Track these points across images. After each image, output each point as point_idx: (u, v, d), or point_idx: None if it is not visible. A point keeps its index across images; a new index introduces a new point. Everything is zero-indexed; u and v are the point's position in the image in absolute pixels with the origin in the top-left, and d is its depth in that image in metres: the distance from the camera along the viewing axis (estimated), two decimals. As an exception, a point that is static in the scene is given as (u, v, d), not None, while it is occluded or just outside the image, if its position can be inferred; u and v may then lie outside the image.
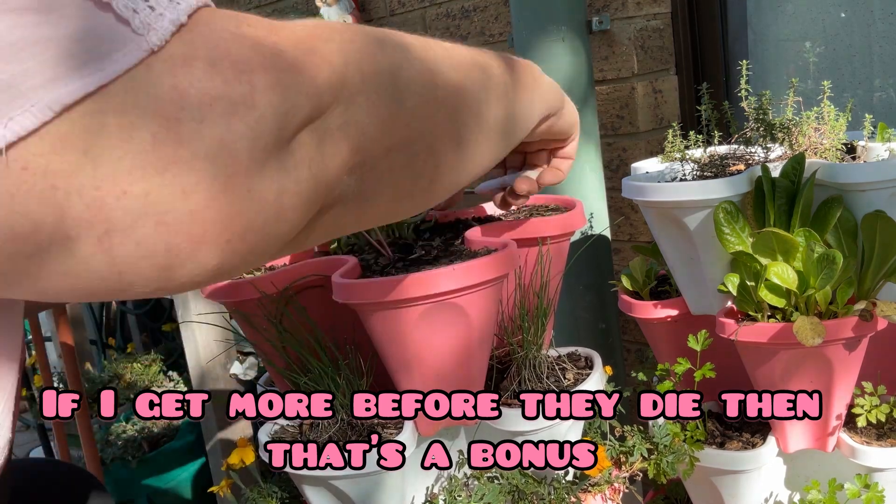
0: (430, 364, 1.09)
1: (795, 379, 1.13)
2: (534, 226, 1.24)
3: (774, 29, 1.72)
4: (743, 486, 1.24)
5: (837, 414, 1.16)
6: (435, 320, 1.04)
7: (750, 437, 1.26)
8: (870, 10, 1.59)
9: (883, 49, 1.59)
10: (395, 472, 1.12)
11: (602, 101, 1.74)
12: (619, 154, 1.75)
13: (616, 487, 1.24)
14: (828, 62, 1.66)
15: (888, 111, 1.61)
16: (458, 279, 1.02)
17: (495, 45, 1.96)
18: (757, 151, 1.24)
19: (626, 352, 1.90)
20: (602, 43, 1.71)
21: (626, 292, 1.40)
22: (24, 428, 3.91)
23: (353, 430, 1.16)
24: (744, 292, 1.15)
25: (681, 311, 1.30)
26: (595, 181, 1.57)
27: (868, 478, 1.14)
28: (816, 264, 1.06)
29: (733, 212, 1.13)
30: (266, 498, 1.25)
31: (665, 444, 1.23)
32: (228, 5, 2.71)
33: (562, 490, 1.15)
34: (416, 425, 1.15)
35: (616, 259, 1.84)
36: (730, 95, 1.76)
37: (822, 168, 1.13)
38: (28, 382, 3.16)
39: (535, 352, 1.23)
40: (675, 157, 1.29)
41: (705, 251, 1.18)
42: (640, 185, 1.21)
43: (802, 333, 1.04)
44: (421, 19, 2.11)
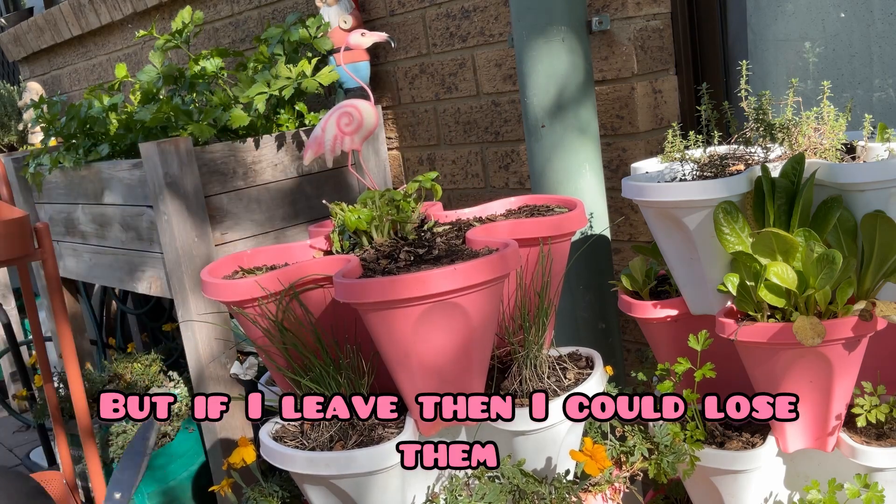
0: (431, 363, 1.09)
1: (795, 379, 1.13)
2: (535, 226, 1.24)
3: (774, 29, 1.73)
4: (743, 485, 1.24)
5: (837, 414, 1.16)
6: (435, 320, 1.05)
7: (750, 437, 1.26)
8: (870, 11, 1.59)
9: (883, 49, 1.59)
10: (396, 471, 1.12)
11: (602, 101, 1.75)
12: (619, 154, 1.75)
13: (616, 487, 1.25)
14: (828, 62, 1.67)
15: (888, 111, 1.61)
16: (458, 279, 1.02)
17: (495, 45, 1.96)
18: (757, 151, 1.24)
19: (626, 352, 1.90)
20: (602, 43, 1.72)
21: (626, 292, 1.40)
22: (24, 428, 3.91)
23: (353, 430, 1.16)
24: (744, 292, 1.15)
25: (681, 311, 1.30)
26: (595, 181, 1.57)
27: (868, 477, 1.15)
28: (816, 264, 1.06)
29: (733, 212, 1.13)
30: (267, 497, 1.25)
31: (665, 444, 1.23)
32: (228, 5, 2.71)
33: (562, 490, 1.15)
34: (416, 425, 1.15)
35: (616, 259, 1.84)
36: (730, 95, 1.76)
37: (822, 168, 1.13)
38: (28, 382, 3.16)
39: (536, 351, 1.23)
40: (674, 157, 1.29)
41: (705, 251, 1.19)
42: (640, 185, 1.21)
43: (802, 333, 1.05)
44: (421, 19, 2.11)
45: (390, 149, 2.35)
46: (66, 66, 3.91)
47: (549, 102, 1.54)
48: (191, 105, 2.10)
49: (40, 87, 3.93)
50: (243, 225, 2.04)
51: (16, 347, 3.31)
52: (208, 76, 2.22)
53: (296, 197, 2.14)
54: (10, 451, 3.72)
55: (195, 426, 2.54)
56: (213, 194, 1.98)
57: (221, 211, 1.99)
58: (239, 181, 2.02)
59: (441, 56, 2.11)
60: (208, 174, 1.96)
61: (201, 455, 2.53)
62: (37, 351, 1.98)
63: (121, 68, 2.36)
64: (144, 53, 3.27)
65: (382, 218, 1.27)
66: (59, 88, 4.04)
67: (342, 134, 1.39)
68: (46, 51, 3.98)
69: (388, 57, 2.27)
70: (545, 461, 1.22)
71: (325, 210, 2.15)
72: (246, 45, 2.71)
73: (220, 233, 1.99)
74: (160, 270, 2.05)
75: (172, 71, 2.23)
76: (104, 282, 2.37)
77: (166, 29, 2.98)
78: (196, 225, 1.93)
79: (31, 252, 1.63)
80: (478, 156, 2.10)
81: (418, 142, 2.26)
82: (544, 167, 1.58)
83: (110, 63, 3.52)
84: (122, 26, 3.34)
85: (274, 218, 2.10)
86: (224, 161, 1.99)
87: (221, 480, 1.36)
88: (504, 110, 2.00)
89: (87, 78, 3.75)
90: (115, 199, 2.13)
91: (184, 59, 3.01)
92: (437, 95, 2.16)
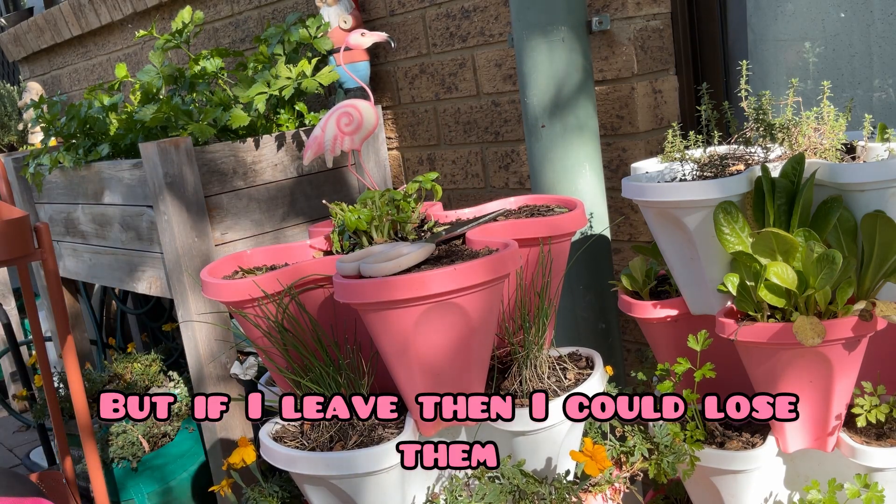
0: (431, 363, 1.09)
1: (795, 379, 1.13)
2: (535, 226, 1.24)
3: (774, 29, 1.72)
4: (743, 485, 1.24)
5: (837, 414, 1.16)
6: (435, 320, 1.05)
7: (750, 437, 1.26)
8: (870, 11, 1.59)
9: (883, 49, 1.59)
10: (396, 471, 1.12)
11: (602, 101, 1.74)
12: (619, 154, 1.75)
13: (617, 487, 1.25)
14: (828, 62, 1.67)
15: (888, 111, 1.61)
16: (458, 279, 1.02)
17: (495, 45, 1.96)
18: (757, 151, 1.24)
19: (626, 352, 1.90)
20: (602, 43, 1.71)
21: (626, 292, 1.40)
22: (24, 428, 3.91)
23: (353, 430, 1.16)
24: (744, 292, 1.15)
25: (681, 311, 1.30)
26: (595, 181, 1.57)
27: (868, 477, 1.15)
28: (816, 264, 1.06)
29: (733, 212, 1.13)
30: (267, 497, 1.25)
31: (665, 445, 1.23)
32: (228, 5, 2.71)
33: (563, 490, 1.15)
34: (416, 425, 1.15)
35: (616, 259, 1.84)
36: (730, 95, 1.76)
37: (822, 168, 1.13)
38: (28, 382, 3.16)
39: (536, 351, 1.23)
40: (674, 157, 1.29)
41: (705, 251, 1.18)
42: (640, 185, 1.21)
43: (802, 333, 1.05)
44: (421, 19, 2.11)
45: (390, 149, 2.35)
46: (66, 66, 3.91)
47: (548, 102, 1.54)
48: (191, 105, 2.10)
49: (40, 87, 3.93)
50: (243, 225, 2.04)
51: (16, 347, 3.31)
52: (208, 76, 2.22)
53: (295, 197, 2.14)
54: (10, 451, 3.72)
55: (195, 426, 2.54)
56: (213, 194, 1.98)
57: (221, 211, 1.99)
58: (239, 181, 2.02)
59: (441, 56, 2.11)
60: (208, 174, 1.96)
61: (201, 455, 2.53)
62: (37, 351, 1.98)
63: (121, 68, 2.36)
64: (144, 53, 3.27)
65: (382, 218, 1.27)
66: (59, 88, 4.04)
67: (342, 134, 1.39)
68: (46, 51, 3.98)
69: (388, 57, 2.27)
70: (545, 461, 1.22)
71: (324, 210, 2.15)
72: (246, 45, 2.71)
73: (219, 233, 2.00)
74: (160, 270, 2.05)
75: (172, 71, 2.23)
76: (104, 282, 2.37)
77: (166, 29, 2.98)
78: (196, 225, 1.93)
79: (31, 252, 1.63)
80: (478, 156, 2.10)
81: (418, 142, 2.26)
82: (544, 167, 1.58)
83: (110, 63, 3.52)
84: (122, 26, 3.34)
85: (274, 218, 2.10)
86: (224, 161, 1.99)
87: (221, 480, 1.36)
88: (504, 110, 2.00)
89: (87, 78, 3.75)
90: (115, 199, 2.13)
91: (184, 59, 3.01)
92: (437, 95, 2.16)
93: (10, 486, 1.20)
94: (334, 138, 1.39)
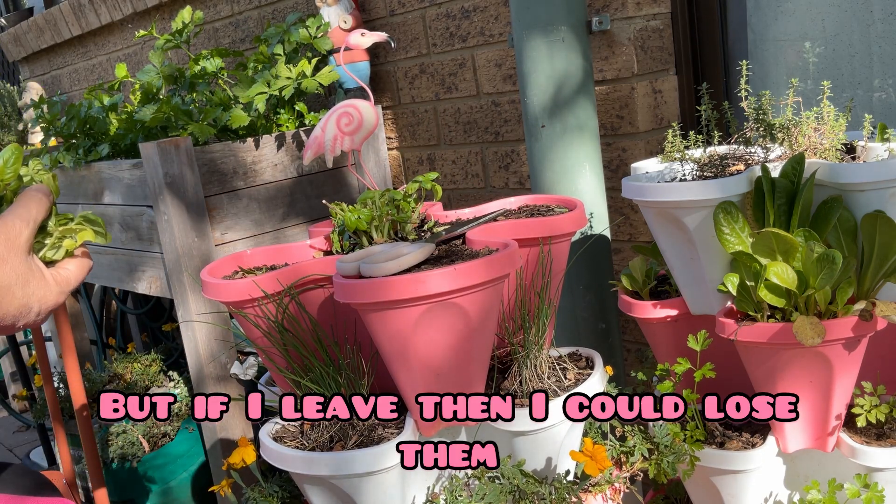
0: (431, 364, 1.09)
1: (795, 379, 1.13)
2: (535, 226, 1.24)
3: (774, 29, 1.73)
4: (743, 485, 1.24)
5: (837, 414, 1.16)
6: (435, 320, 1.05)
7: (750, 437, 1.26)
8: (870, 11, 1.59)
9: (883, 49, 1.59)
10: (396, 471, 1.12)
11: (602, 101, 1.75)
12: (619, 154, 1.75)
13: (617, 487, 1.24)
14: (828, 62, 1.67)
15: (888, 111, 1.61)
16: (458, 279, 1.02)
17: (495, 45, 1.96)
18: (757, 151, 1.24)
19: (626, 352, 1.90)
20: (602, 43, 1.72)
21: (625, 292, 1.40)
22: (24, 428, 3.91)
23: (353, 430, 1.16)
24: (744, 292, 1.15)
25: (680, 311, 1.30)
26: (595, 181, 1.57)
27: (868, 477, 1.15)
28: (816, 264, 1.06)
29: (733, 212, 1.13)
30: (267, 497, 1.25)
31: (665, 444, 1.23)
32: (228, 5, 2.71)
33: (562, 490, 1.15)
34: (416, 425, 1.15)
35: (616, 259, 1.84)
36: (730, 95, 1.76)
37: (822, 168, 1.13)
38: (28, 382, 3.16)
39: (536, 351, 1.23)
40: (674, 157, 1.29)
41: (705, 251, 1.18)
42: (640, 185, 1.21)
43: (802, 333, 1.05)
44: (421, 19, 2.11)
45: (390, 149, 2.35)
46: (66, 66, 3.91)
47: (548, 102, 1.54)
48: (191, 105, 2.10)
49: (40, 87, 3.93)
50: (243, 225, 2.05)
51: (16, 347, 3.31)
52: (208, 76, 2.22)
53: (295, 197, 2.14)
54: (10, 451, 3.72)
55: (195, 426, 2.54)
56: (213, 194, 1.98)
57: (221, 211, 1.99)
58: (239, 181, 2.02)
59: (441, 56, 2.11)
60: (208, 174, 1.96)
61: (201, 455, 2.53)
62: (37, 351, 1.98)
63: (121, 68, 2.36)
64: (144, 53, 3.27)
65: (382, 218, 1.27)
66: (59, 88, 4.04)
67: (342, 134, 1.39)
68: (46, 51, 3.98)
69: (388, 57, 2.27)
70: (545, 461, 1.22)
71: (324, 210, 2.15)
72: (246, 45, 2.71)
73: (219, 232, 2.00)
74: (160, 270, 2.05)
75: (172, 71, 2.23)
76: (104, 282, 2.37)
77: (166, 29, 2.98)
78: (196, 225, 1.93)
79: (31, 252, 1.62)
80: (478, 156, 2.10)
81: (418, 142, 2.26)
82: (544, 167, 1.58)
83: (110, 63, 3.52)
84: (122, 26, 3.34)
85: (274, 218, 2.10)
86: (224, 161, 1.99)
87: (221, 480, 1.36)
88: (504, 110, 2.00)
89: (87, 78, 3.75)
90: (115, 199, 2.13)
91: (184, 59, 3.01)
92: (437, 95, 2.16)
93: (31, 485, 1.19)
94: (334, 138, 1.39)
